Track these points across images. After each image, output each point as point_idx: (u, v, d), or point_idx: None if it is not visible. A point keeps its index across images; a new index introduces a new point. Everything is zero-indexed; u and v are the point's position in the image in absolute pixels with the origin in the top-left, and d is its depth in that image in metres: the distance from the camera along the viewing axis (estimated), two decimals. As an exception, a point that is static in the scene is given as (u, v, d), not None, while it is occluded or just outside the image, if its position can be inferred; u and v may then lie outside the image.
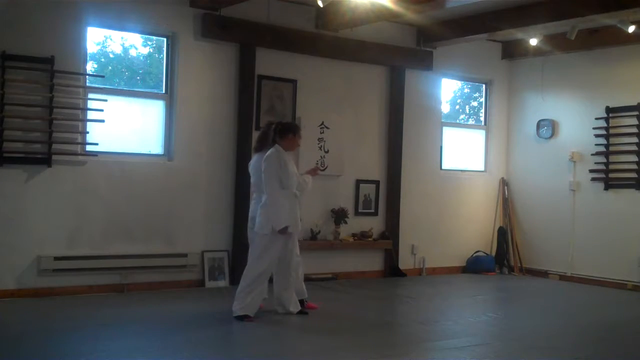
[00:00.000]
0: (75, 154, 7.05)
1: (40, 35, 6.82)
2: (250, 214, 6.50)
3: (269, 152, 6.14)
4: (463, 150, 10.09)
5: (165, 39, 7.74)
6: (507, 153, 10.28)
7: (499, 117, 10.23)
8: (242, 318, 5.97)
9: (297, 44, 8.31)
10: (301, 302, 6.43)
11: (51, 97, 6.82)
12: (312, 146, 8.47)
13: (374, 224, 8.99)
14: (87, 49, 7.21)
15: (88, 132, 7.10)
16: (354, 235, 8.81)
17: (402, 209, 9.20)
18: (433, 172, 9.62)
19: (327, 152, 8.61)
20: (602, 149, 9.05)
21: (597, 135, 9.09)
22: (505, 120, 10.28)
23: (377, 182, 9.07)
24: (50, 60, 6.80)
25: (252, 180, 6.50)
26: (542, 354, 5.36)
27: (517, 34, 8.96)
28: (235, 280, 7.28)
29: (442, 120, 9.81)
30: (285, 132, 6.21)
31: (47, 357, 4.78)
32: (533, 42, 8.84)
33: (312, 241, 8.41)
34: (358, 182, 8.92)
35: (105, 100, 7.16)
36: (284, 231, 6.01)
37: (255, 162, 6.41)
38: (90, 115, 7.09)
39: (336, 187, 8.69)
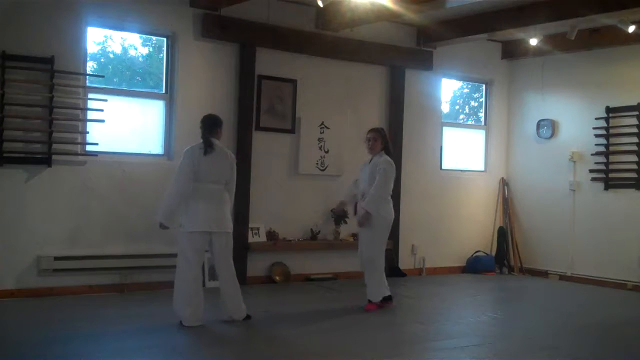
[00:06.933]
0: (75, 154, 7.05)
1: (40, 35, 6.82)
2: None
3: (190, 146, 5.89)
4: (463, 150, 10.09)
5: (165, 39, 7.74)
6: (507, 153, 10.28)
7: (499, 117, 10.23)
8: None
9: (297, 44, 8.31)
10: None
11: (51, 97, 6.82)
12: (312, 146, 8.47)
13: (374, 224, 8.98)
14: (87, 49, 7.20)
15: (88, 132, 7.10)
16: (354, 235, 8.80)
17: (402, 209, 9.19)
18: (433, 172, 9.62)
19: (327, 152, 8.61)
20: (602, 149, 9.05)
21: (597, 135, 9.09)
22: (505, 120, 10.28)
23: (377, 182, 9.05)
24: (50, 60, 6.80)
25: None
26: (542, 353, 5.37)
27: (517, 34, 8.97)
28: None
29: (442, 120, 9.81)
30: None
31: (47, 358, 4.78)
32: (533, 42, 8.83)
33: (312, 241, 8.42)
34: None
35: (105, 100, 7.16)
36: (161, 226, 5.81)
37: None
38: (90, 115, 7.09)
39: (336, 187, 8.67)
